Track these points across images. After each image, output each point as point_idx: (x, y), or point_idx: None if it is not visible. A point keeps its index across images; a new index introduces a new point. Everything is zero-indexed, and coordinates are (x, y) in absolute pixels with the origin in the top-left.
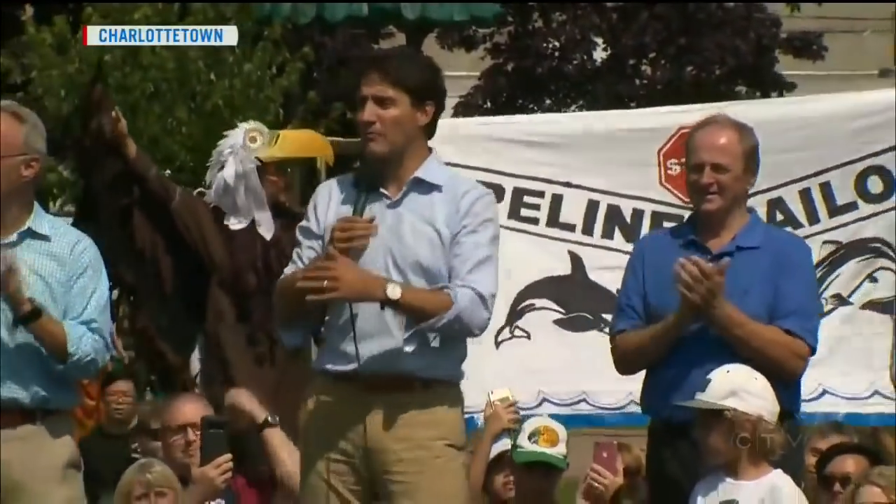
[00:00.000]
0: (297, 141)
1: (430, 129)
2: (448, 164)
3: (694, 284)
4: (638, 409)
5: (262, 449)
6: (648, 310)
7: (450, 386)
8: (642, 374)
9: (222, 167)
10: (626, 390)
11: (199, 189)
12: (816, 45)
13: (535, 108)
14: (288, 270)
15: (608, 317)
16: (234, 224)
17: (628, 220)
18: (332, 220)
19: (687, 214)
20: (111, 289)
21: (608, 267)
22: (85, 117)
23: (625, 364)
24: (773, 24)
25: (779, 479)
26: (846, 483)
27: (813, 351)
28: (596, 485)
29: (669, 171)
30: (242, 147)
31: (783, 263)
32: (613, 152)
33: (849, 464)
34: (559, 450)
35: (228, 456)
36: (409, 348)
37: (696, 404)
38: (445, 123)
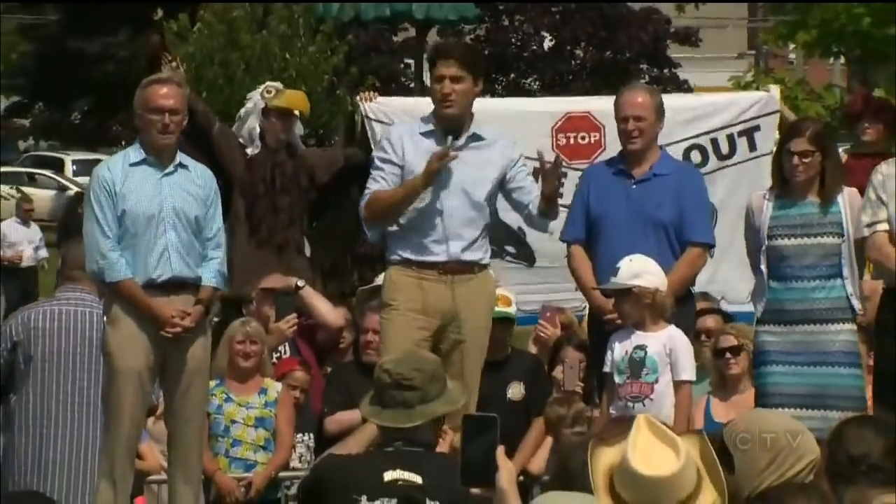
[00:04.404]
0: (291, 98)
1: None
2: None
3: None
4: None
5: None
6: (590, 217)
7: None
8: (532, 291)
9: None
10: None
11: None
12: (695, 36)
13: (504, 80)
14: (374, 186)
15: (509, 248)
16: (251, 150)
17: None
18: (412, 154)
19: (569, 172)
20: None
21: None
22: (152, 62)
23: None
24: (666, 21)
25: (675, 331)
26: (709, 335)
27: (714, 244)
28: (542, 334)
29: (559, 142)
30: (260, 95)
31: (685, 187)
32: (522, 126)
33: (709, 321)
34: (512, 309)
35: (294, 315)
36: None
37: (611, 286)
38: (408, 103)
